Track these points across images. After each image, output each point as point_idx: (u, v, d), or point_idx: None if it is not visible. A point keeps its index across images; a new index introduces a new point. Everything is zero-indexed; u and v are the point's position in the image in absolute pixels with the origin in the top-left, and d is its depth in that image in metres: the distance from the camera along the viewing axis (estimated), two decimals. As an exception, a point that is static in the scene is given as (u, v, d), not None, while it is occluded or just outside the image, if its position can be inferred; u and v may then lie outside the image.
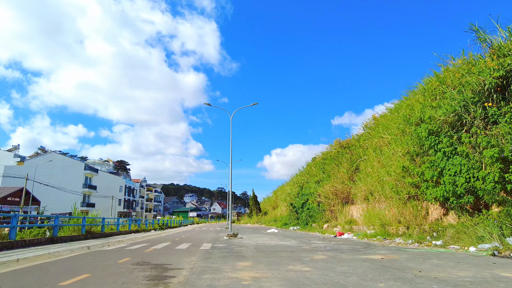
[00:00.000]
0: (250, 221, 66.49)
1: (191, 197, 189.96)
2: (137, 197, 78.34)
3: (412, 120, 16.06)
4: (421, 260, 6.45)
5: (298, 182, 40.44)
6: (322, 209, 28.49)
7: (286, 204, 42.69)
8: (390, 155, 18.30)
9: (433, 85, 16.00)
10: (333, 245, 10.75)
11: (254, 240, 13.93)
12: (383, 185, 18.26)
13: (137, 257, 7.47)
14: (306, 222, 32.42)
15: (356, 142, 26.99)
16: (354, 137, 28.47)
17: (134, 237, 17.46)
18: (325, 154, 38.49)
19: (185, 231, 27.87)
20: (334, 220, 26.54)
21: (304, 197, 34.76)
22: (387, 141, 19.61)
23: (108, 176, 66.02)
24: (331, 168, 27.60)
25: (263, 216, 62.45)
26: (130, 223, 21.53)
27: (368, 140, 24.00)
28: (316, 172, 38.09)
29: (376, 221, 17.90)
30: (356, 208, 22.74)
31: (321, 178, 30.05)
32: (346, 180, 24.33)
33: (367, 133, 26.12)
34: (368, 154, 22.50)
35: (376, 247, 10.23)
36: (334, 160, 28.45)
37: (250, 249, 9.46)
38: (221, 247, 10.46)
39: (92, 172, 54.43)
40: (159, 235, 20.41)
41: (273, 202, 62.93)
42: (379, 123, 23.43)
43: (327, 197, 26.36)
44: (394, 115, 20.63)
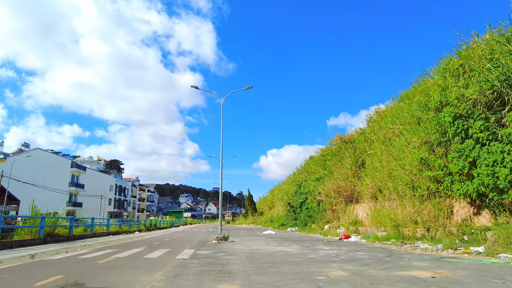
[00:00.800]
0: (245, 221, 64.19)
1: (187, 197, 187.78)
2: (128, 197, 75.64)
3: (431, 105, 13.88)
4: (500, 283, 4.21)
5: (296, 181, 38.21)
6: (322, 209, 26.28)
7: (283, 203, 40.44)
8: (403, 147, 16.11)
9: (454, 65, 13.81)
10: (346, 253, 8.49)
11: (247, 244, 11.63)
12: (395, 181, 16.07)
13: (74, 274, 5.16)
14: (305, 222, 30.21)
15: (360, 136, 24.80)
16: (357, 131, 26.25)
17: (109, 240, 15.10)
18: (324, 151, 36.39)
19: (173, 232, 25.56)
20: (336, 220, 24.33)
21: (302, 196, 32.54)
22: (398, 132, 17.41)
23: (97, 174, 63.27)
24: (333, 164, 25.39)
25: (259, 217, 60.16)
26: (108, 224, 19.16)
27: (374, 133, 21.81)
28: (315, 170, 35.93)
29: (387, 222, 15.70)
30: (361, 207, 20.54)
31: (322, 175, 27.85)
32: (350, 176, 22.12)
33: (372, 126, 23.97)
34: (375, 147, 20.32)
35: (402, 255, 7.99)
36: (336, 156, 26.23)
37: (240, 259, 7.18)
38: (204, 255, 8.16)
39: (79, 170, 51.75)
40: (140, 237, 18.08)
41: (270, 202, 60.67)
42: (385, 115, 21.26)
43: (329, 195, 24.15)
44: (405, 103, 18.43)
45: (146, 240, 15.01)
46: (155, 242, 13.72)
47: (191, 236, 19.36)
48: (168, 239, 15.95)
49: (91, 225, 17.07)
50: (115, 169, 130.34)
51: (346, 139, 28.46)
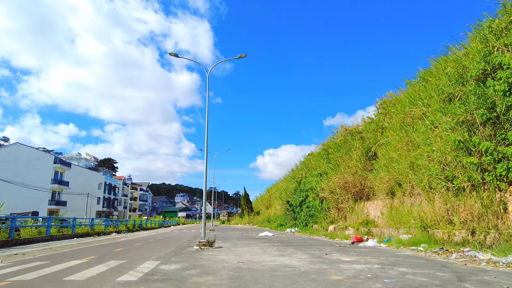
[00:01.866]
0: (241, 221, 61.23)
1: (182, 197, 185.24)
2: (119, 196, 72.33)
3: (471, 73, 11.00)
4: None
5: (295, 177, 35.32)
6: (326, 207, 23.40)
7: (281, 202, 37.52)
8: (428, 131, 13.23)
9: (502, 23, 10.93)
10: (382, 269, 5.59)
11: (237, 253, 8.69)
12: (419, 172, 13.20)
13: None
14: (306, 223, 27.32)
15: (369, 126, 21.93)
16: (365, 120, 23.33)
17: (63, 244, 12.11)
18: (326, 145, 33.57)
19: (157, 234, 22.60)
20: (342, 220, 21.44)
21: (302, 194, 29.65)
22: (420, 114, 14.53)
23: (85, 171, 59.85)
24: (338, 157, 22.48)
25: (255, 216, 57.22)
26: (74, 224, 16.03)
27: (386, 120, 18.94)
28: (316, 165, 33.06)
29: (411, 222, 12.82)
30: (374, 205, 17.65)
31: (325, 170, 24.95)
32: (360, 170, 19.23)
33: (383, 112, 21.14)
34: (389, 136, 17.45)
35: (473, 273, 5.06)
36: (341, 148, 23.33)
37: (219, 284, 4.22)
38: (165, 274, 5.23)
39: (63, 166, 48.30)
40: (111, 240, 15.10)
41: (267, 200, 57.76)
42: (400, 99, 18.41)
43: (334, 192, 21.24)
44: (427, 82, 15.53)
45: (109, 245, 12.04)
46: (118, 248, 10.72)
47: (173, 239, 16.41)
48: (140, 244, 12.99)
49: (47, 225, 14.00)
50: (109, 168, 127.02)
51: (353, 130, 25.61)
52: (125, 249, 10.24)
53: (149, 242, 13.77)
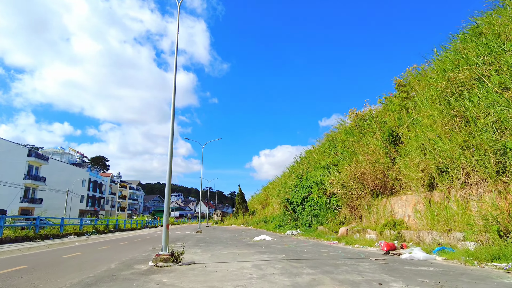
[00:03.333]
0: (235, 221, 57.20)
1: (177, 196, 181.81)
2: (106, 194, 67.92)
3: None
4: None
5: (296, 173, 31.39)
6: (335, 205, 19.52)
7: (279, 200, 33.54)
8: (493, 95, 9.39)
9: None
10: None
11: (213, 281, 4.66)
12: (479, 153, 9.34)
13: None
14: (309, 223, 23.40)
15: (389, 107, 18.09)
16: (382, 101, 19.38)
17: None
18: (331, 136, 29.77)
19: (128, 237, 18.61)
20: (356, 221, 17.53)
21: (305, 190, 25.73)
22: (478, 75, 10.67)
23: (66, 167, 55.35)
24: (352, 145, 18.59)
25: (251, 216, 53.22)
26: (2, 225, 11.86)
27: (416, 93, 15.04)
28: (319, 158, 29.21)
29: (475, 223, 8.92)
30: (402, 201, 13.73)
31: (333, 162, 21.05)
32: (382, 157, 15.31)
33: (406, 90, 17.37)
34: (420, 112, 13.62)
35: None
36: (354, 134, 19.44)
37: None
38: None
39: (39, 160, 43.60)
40: (39, 249, 11.04)
41: (263, 199, 53.81)
42: (437, 66, 14.48)
43: (346, 186, 17.33)
44: (480, 38, 11.66)
45: (18, 260, 8.01)
46: (16, 267, 6.66)
47: (139, 244, 12.43)
48: (79, 254, 8.98)
49: None
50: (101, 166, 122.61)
51: (365, 115, 21.77)
52: (30, 268, 6.23)
53: (98, 251, 9.80)
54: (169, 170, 7.27)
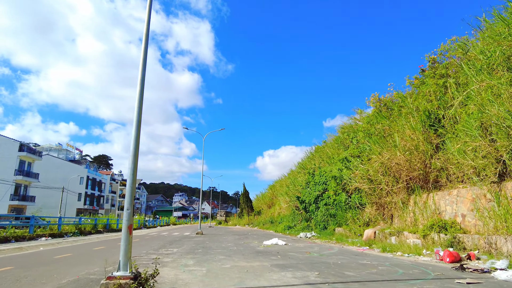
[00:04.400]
0: (240, 222, 54.38)
1: (181, 196, 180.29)
2: (106, 192, 65.41)
3: None
4: None
5: (307, 168, 28.51)
6: (357, 203, 16.70)
7: (288, 199, 30.70)
8: None
9: None
10: None
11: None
12: None
13: None
14: (324, 225, 20.57)
15: (419, 88, 15.26)
16: (411, 83, 16.49)
17: None
18: (347, 128, 26.97)
19: (115, 239, 15.95)
20: (386, 221, 14.65)
21: (318, 187, 22.88)
22: None
23: (63, 164, 52.85)
24: (379, 131, 15.74)
25: (256, 217, 50.38)
26: None
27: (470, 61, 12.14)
28: (333, 153, 26.37)
29: None
30: (451, 197, 10.84)
31: (355, 152, 18.17)
32: (421, 143, 12.42)
33: (445, 65, 14.57)
34: (468, 87, 10.79)
35: None
36: (383, 118, 16.61)
37: None
38: None
39: (31, 155, 41.05)
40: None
41: (269, 199, 50.95)
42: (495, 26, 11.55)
43: (374, 180, 14.47)
44: None
45: None
46: None
47: (108, 254, 9.65)
48: (10, 267, 6.24)
49: None
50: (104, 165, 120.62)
51: (389, 101, 19.02)
52: None
53: (50, 262, 7.08)
54: (135, 145, 4.56)
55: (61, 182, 49.43)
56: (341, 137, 26.83)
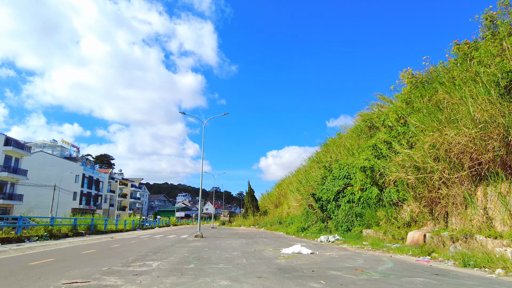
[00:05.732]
0: (244, 222, 51.07)
1: (184, 196, 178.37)
2: (104, 191, 62.35)
3: None
4: None
5: (322, 162, 25.18)
6: (394, 199, 13.42)
7: (299, 196, 27.36)
8: None
9: None
10: None
11: None
12: None
13: None
14: (348, 226, 17.25)
15: (471, 54, 11.87)
16: (462, 48, 13.08)
17: None
18: (367, 115, 23.68)
19: (92, 244, 12.71)
20: (438, 221, 11.29)
21: (339, 182, 19.54)
22: None
23: (55, 160, 49.80)
24: (424, 105, 12.38)
25: (262, 217, 47.03)
26: None
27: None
28: (353, 144, 23.09)
29: None
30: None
31: (388, 138, 14.83)
32: (500, 113, 9.04)
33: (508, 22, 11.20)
34: None
35: None
36: (423, 95, 13.26)
37: None
38: None
39: (19, 150, 37.61)
40: None
41: (276, 198, 47.67)
42: None
43: (421, 167, 11.15)
44: None
45: None
46: None
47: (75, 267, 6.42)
48: None
49: None
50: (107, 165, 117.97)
51: (424, 77, 15.76)
52: None
53: None
54: None
55: (55, 180, 46.46)
56: (361, 126, 23.46)
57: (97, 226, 20.53)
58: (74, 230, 16.81)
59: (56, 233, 14.63)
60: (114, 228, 23.45)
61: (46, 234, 13.75)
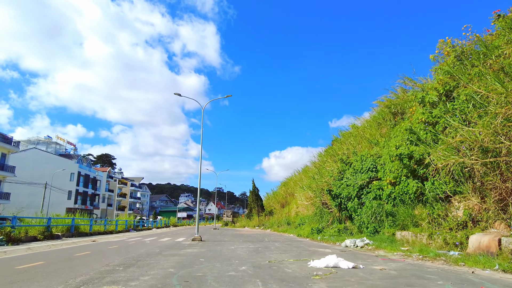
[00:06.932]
0: (248, 223, 48.24)
1: (187, 197, 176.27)
2: (102, 190, 59.64)
3: None
4: None
5: (337, 155, 22.29)
6: (439, 193, 10.60)
7: (311, 194, 24.42)
8: None
9: None
10: None
11: None
12: None
13: None
14: (375, 227, 14.36)
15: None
16: None
17: None
18: (389, 101, 21.00)
19: (40, 253, 9.95)
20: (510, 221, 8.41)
21: (361, 176, 16.65)
22: None
23: (48, 157, 47.15)
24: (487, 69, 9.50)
25: (268, 217, 44.16)
26: None
27: None
28: (373, 134, 20.30)
29: None
30: None
31: (428, 118, 11.96)
32: None
33: None
34: None
35: None
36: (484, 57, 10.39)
37: None
38: None
39: (5, 145, 33.84)
40: None
41: (282, 197, 44.77)
42: None
43: (490, 148, 8.26)
44: None
45: None
46: None
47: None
48: None
49: None
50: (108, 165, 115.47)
51: (469, 48, 13.04)
52: None
53: None
54: None
55: (48, 179, 43.87)
56: (383, 113, 20.62)
57: (80, 227, 17.77)
58: (47, 232, 14.09)
59: (17, 236, 11.87)
60: (102, 229, 20.69)
61: (1, 238, 11.03)
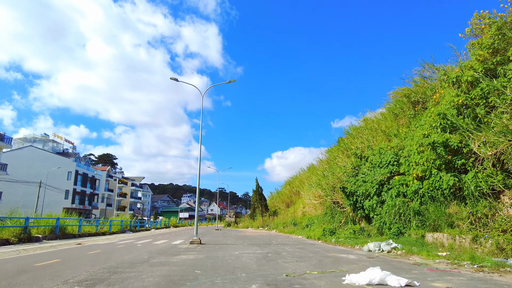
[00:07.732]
0: (252, 224, 46.49)
1: (189, 197, 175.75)
2: (101, 190, 58.02)
3: None
4: None
5: (350, 149, 20.50)
6: (484, 188, 8.76)
7: (321, 192, 22.60)
8: None
9: None
10: None
11: None
12: None
13: None
14: (399, 228, 12.51)
15: None
16: None
17: None
18: (407, 90, 19.29)
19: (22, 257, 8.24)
20: None
21: (381, 171, 14.86)
22: None
23: (45, 156, 45.56)
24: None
25: (272, 217, 42.39)
26: None
27: None
28: (389, 126, 18.57)
29: None
30: None
31: (466, 100, 10.16)
32: None
33: None
34: None
35: None
36: None
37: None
38: None
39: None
40: None
41: (287, 197, 42.92)
42: None
43: None
44: None
45: None
46: None
47: None
48: None
49: None
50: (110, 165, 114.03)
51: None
52: None
53: None
54: None
55: (45, 178, 42.29)
56: (401, 103, 18.82)
57: (67, 228, 16.09)
58: (24, 234, 12.44)
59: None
60: (93, 230, 19.00)
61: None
